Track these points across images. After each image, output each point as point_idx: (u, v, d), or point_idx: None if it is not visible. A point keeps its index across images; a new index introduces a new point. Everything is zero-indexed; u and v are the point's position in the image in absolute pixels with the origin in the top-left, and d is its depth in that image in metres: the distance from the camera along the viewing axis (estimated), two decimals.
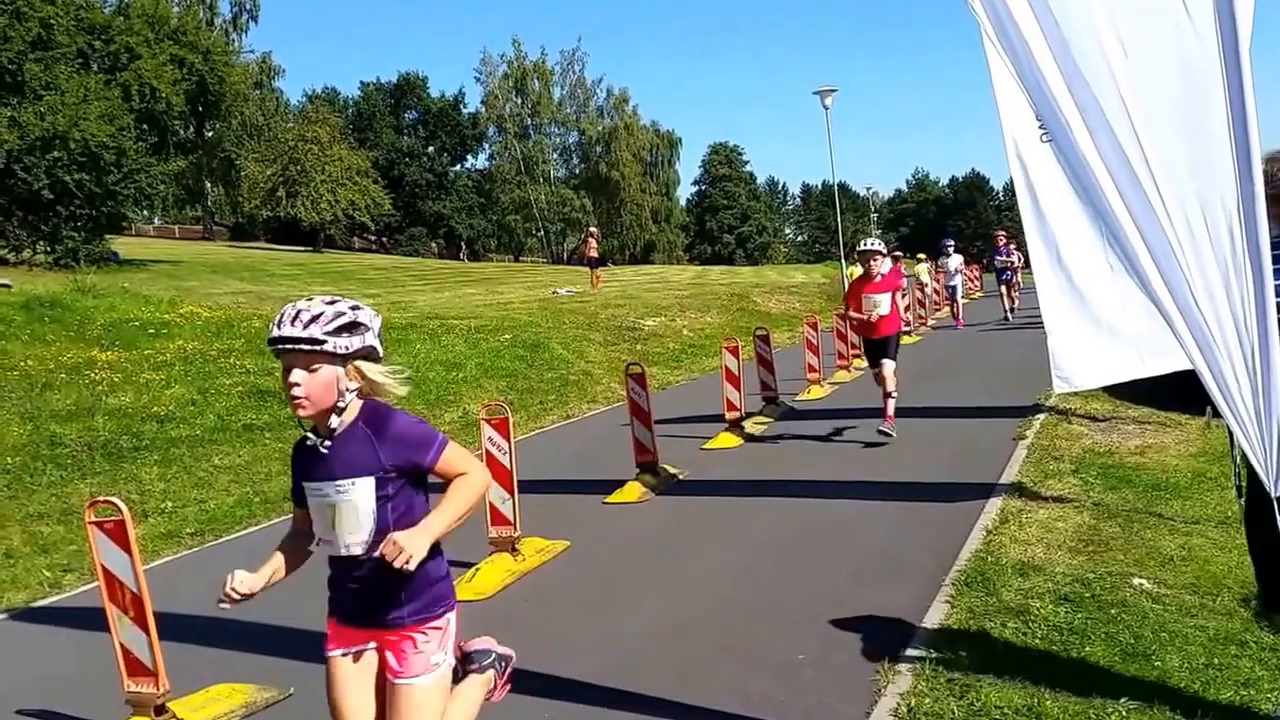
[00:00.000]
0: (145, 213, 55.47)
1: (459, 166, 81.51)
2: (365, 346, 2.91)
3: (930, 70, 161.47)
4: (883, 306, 9.96)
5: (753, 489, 8.78)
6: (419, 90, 77.75)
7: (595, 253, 32.99)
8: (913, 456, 9.33)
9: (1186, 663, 4.27)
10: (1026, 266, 15.17)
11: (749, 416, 11.63)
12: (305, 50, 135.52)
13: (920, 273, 27.46)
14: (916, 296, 24.64)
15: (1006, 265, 23.84)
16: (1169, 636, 4.56)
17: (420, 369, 15.64)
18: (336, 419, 2.92)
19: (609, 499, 8.56)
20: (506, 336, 18.65)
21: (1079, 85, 2.95)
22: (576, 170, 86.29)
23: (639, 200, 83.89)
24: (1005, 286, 23.97)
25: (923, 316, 24.86)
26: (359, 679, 3.05)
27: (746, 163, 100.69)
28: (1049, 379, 8.56)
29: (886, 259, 10.60)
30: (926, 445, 9.79)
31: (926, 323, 24.90)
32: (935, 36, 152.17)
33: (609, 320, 22.23)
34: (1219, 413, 3.13)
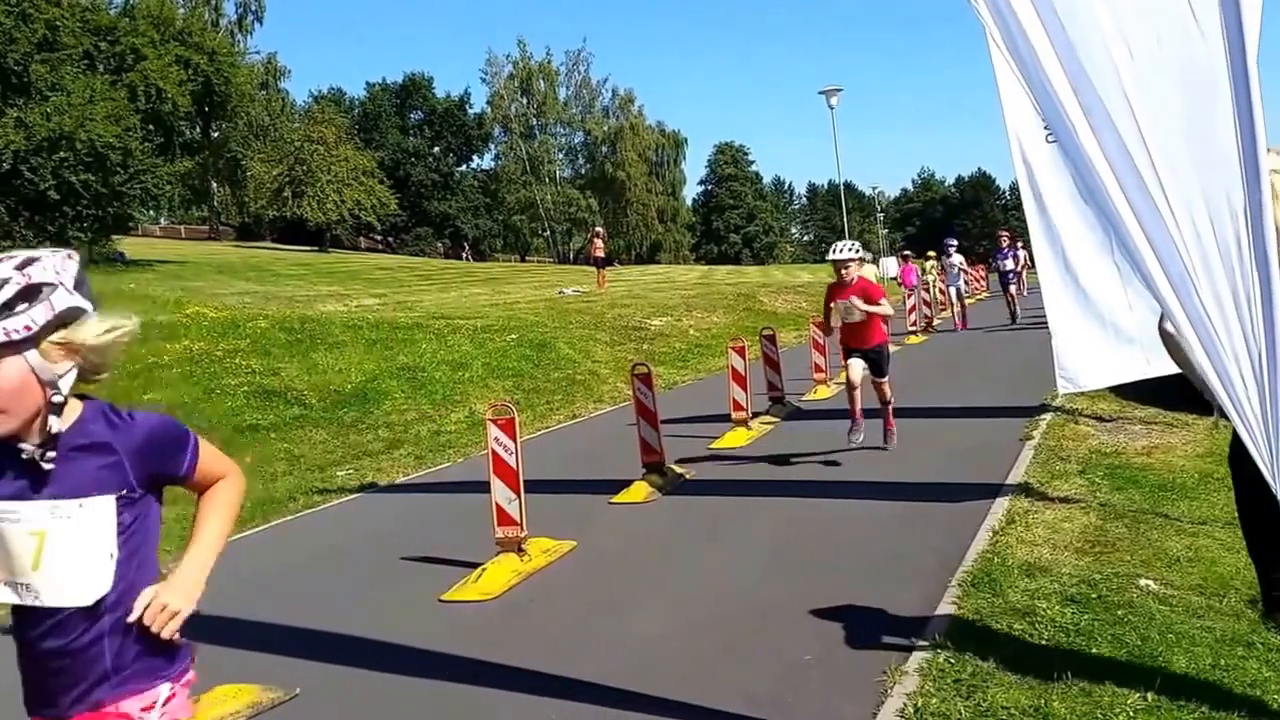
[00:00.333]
0: (151, 213, 55.80)
1: (464, 167, 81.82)
2: (60, 312, 2.09)
3: (936, 69, 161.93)
4: (856, 313, 9.09)
5: (759, 489, 8.77)
6: (425, 91, 77.95)
7: (601, 252, 33.06)
8: (919, 457, 9.31)
9: (1193, 664, 4.25)
10: (1031, 266, 15.07)
11: (755, 416, 11.64)
12: (311, 51, 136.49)
13: (928, 270, 27.41)
14: (923, 297, 24.59)
15: (1009, 269, 23.44)
16: (1176, 638, 4.54)
17: (426, 369, 15.68)
18: (56, 419, 2.13)
19: (615, 499, 8.56)
20: (513, 336, 18.66)
21: (1084, 87, 2.94)
22: (582, 170, 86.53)
23: (645, 200, 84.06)
24: (1006, 290, 23.55)
25: (929, 316, 24.81)
26: None
27: (752, 162, 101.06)
28: (1054, 379, 8.59)
29: (863, 265, 9.63)
30: (932, 446, 9.77)
31: (933, 323, 24.86)
32: (941, 35, 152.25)
33: (615, 320, 22.23)
34: (1226, 415, 3.13)
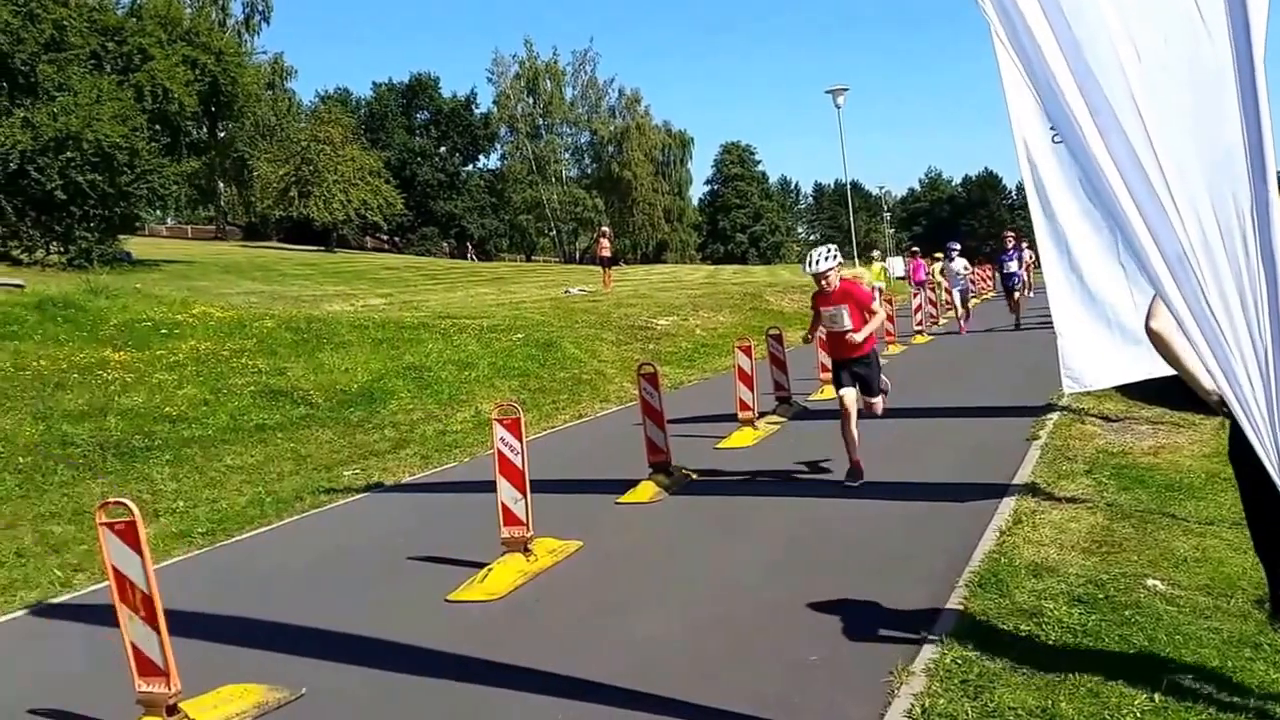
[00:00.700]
0: (158, 213, 55.89)
1: (471, 166, 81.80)
2: None
3: (943, 68, 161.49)
4: (842, 321, 8.33)
5: (766, 489, 8.77)
6: (431, 90, 77.96)
7: (608, 252, 33.08)
8: (925, 457, 9.31)
9: (1200, 665, 4.24)
10: (1037, 266, 14.97)
11: (762, 416, 11.62)
12: (317, 51, 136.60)
13: (935, 271, 27.38)
14: (929, 297, 24.56)
15: (1012, 272, 21.96)
16: (1183, 639, 4.53)
17: (433, 368, 15.69)
18: None
19: (622, 499, 8.56)
20: (519, 336, 18.67)
21: (1091, 87, 2.93)
22: (588, 170, 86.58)
23: (651, 200, 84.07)
24: (1009, 295, 22.16)
25: (934, 316, 24.78)
26: None
27: (759, 162, 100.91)
28: (1060, 379, 8.58)
29: (841, 271, 8.52)
30: (939, 445, 9.76)
31: (939, 321, 24.83)
32: (947, 34, 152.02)
33: (621, 319, 22.23)
34: (1233, 415, 3.11)
